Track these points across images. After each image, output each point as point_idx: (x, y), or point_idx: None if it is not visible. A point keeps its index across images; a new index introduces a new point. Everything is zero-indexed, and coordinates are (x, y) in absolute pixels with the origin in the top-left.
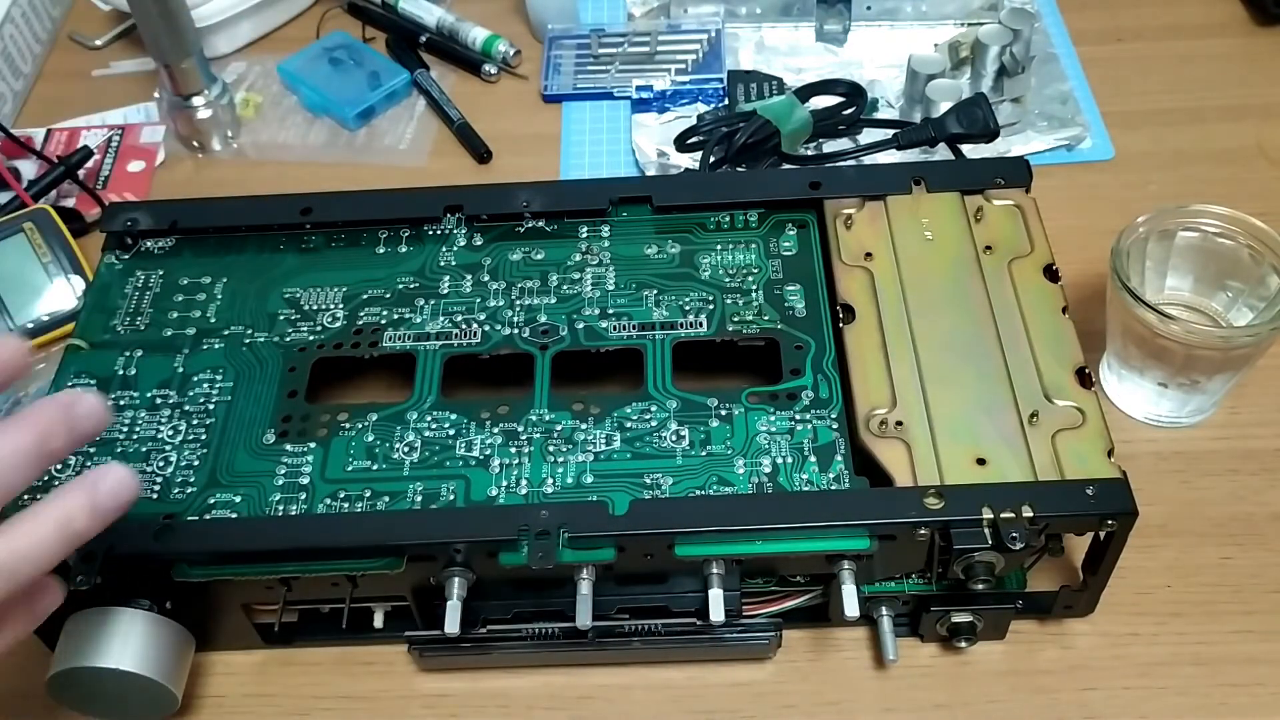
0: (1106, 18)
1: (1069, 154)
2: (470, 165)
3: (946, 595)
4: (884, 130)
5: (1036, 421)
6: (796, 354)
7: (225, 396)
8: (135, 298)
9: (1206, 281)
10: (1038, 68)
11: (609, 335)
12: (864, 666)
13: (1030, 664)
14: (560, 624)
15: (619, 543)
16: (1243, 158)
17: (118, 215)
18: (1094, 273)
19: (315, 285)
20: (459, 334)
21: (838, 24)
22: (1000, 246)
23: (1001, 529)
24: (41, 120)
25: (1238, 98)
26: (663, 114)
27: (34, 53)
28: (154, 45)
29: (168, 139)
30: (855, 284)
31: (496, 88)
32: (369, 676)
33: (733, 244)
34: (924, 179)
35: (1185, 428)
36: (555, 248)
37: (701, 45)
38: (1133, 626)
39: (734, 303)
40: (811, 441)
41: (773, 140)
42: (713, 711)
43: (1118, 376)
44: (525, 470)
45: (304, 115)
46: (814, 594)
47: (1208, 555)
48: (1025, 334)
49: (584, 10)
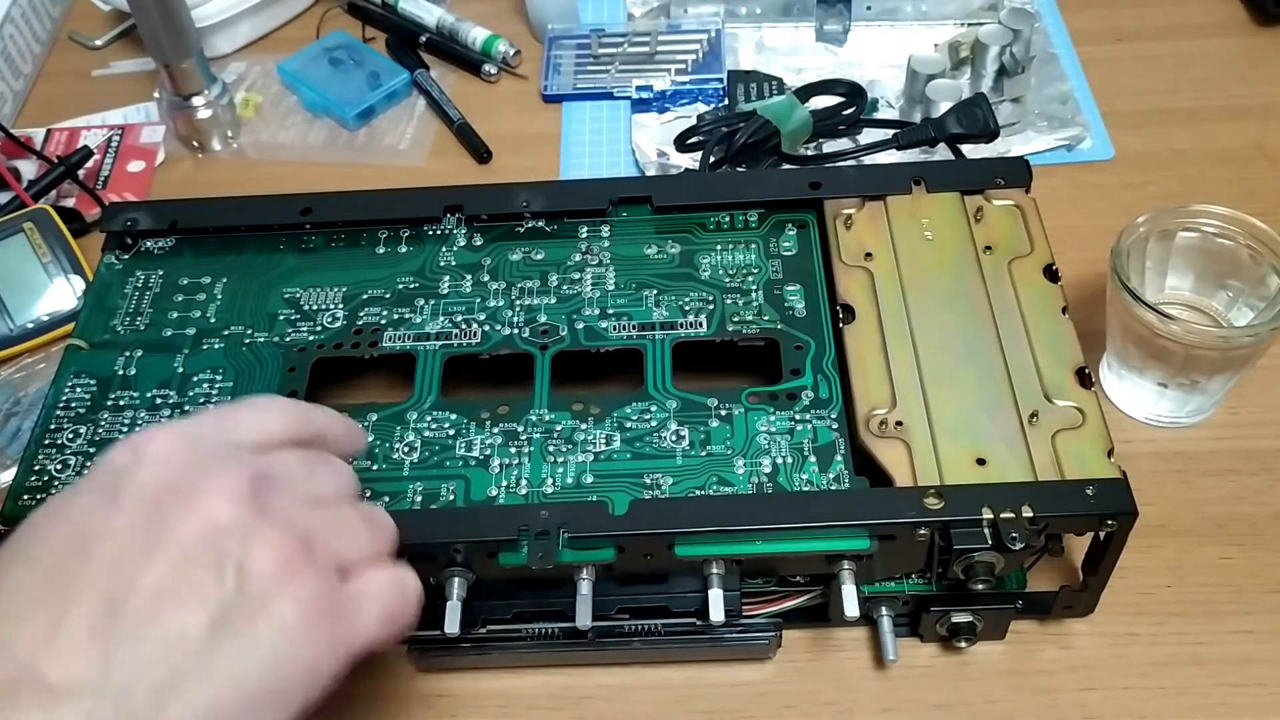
0: (1106, 18)
1: (1069, 154)
2: (470, 165)
3: (946, 595)
4: (884, 130)
5: (1036, 421)
6: (796, 354)
7: (225, 397)
8: (135, 298)
9: (1206, 281)
10: (1038, 68)
11: (609, 335)
12: (864, 666)
13: (1030, 664)
14: (560, 624)
15: (619, 543)
16: (1243, 158)
17: (118, 215)
18: (1094, 273)
19: (315, 285)
20: (459, 334)
21: (838, 24)
22: (1000, 246)
23: (1001, 529)
24: (41, 120)
25: (1238, 98)
26: (663, 114)
27: (34, 53)
28: (154, 45)
29: (168, 139)
30: (855, 284)
31: (496, 88)
32: (368, 676)
33: (733, 244)
34: (924, 179)
35: (1185, 428)
36: (555, 248)
37: (701, 45)
38: (1133, 626)
39: (734, 303)
40: (811, 441)
41: (773, 140)
42: (713, 711)
43: (1118, 376)
44: (525, 470)
45: (304, 115)
46: (814, 594)
47: (1208, 555)
48: (1025, 334)
49: (584, 10)
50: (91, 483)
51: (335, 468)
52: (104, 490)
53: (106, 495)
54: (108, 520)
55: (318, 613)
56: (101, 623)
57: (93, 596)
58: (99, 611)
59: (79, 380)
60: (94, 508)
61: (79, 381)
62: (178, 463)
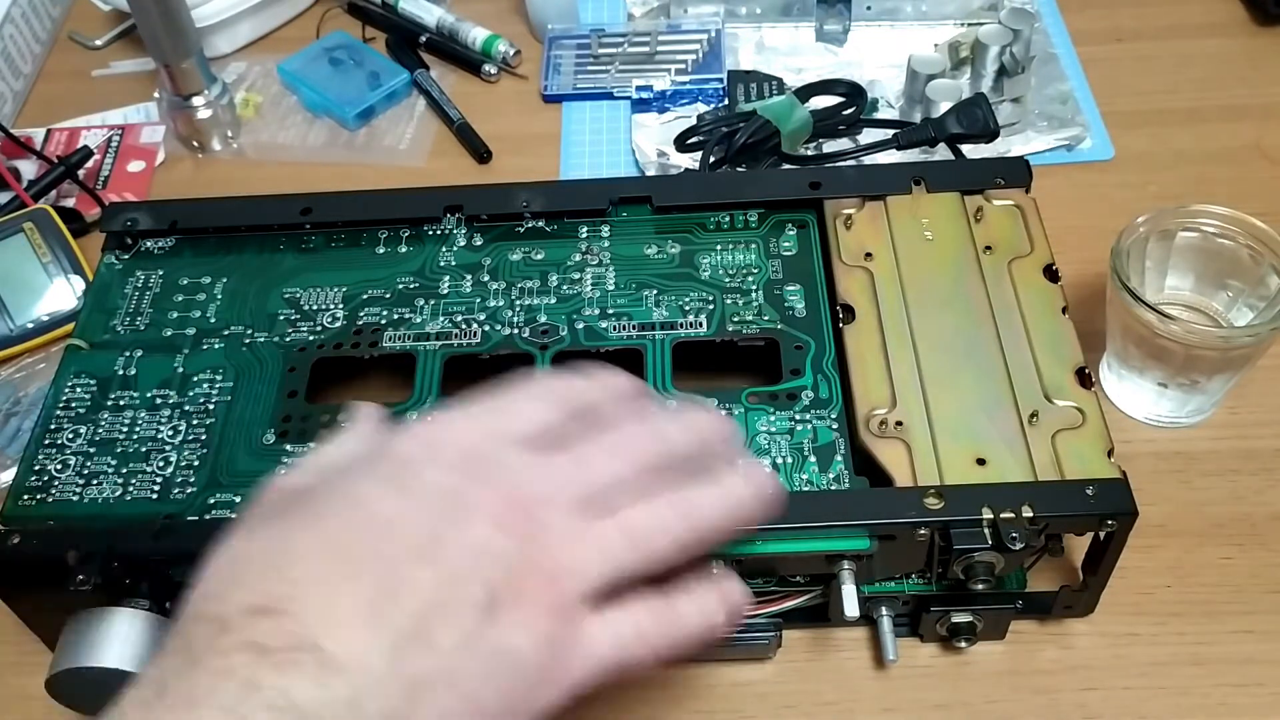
0: (1106, 18)
1: (1069, 154)
2: (470, 165)
3: (946, 595)
4: (884, 130)
5: (1036, 421)
6: (796, 354)
7: (225, 397)
8: (135, 298)
9: (1206, 281)
10: (1038, 68)
11: (609, 335)
12: (864, 666)
13: (1030, 664)
14: None
15: None
16: (1243, 158)
17: (118, 215)
18: (1094, 273)
19: (315, 285)
20: (459, 334)
21: (838, 24)
22: (1000, 246)
23: (1001, 529)
24: (41, 120)
25: (1238, 98)
26: (663, 114)
27: (34, 53)
28: (154, 45)
29: (168, 139)
30: (855, 284)
31: (496, 88)
32: None
33: (733, 244)
34: (924, 179)
35: (1185, 428)
36: (555, 248)
37: (701, 45)
38: (1133, 626)
39: (734, 303)
40: (811, 441)
41: (773, 140)
42: (713, 711)
43: (1118, 376)
44: None
45: (304, 115)
46: (814, 594)
47: (1208, 555)
48: (1025, 334)
49: (584, 10)
50: (378, 468)
51: (613, 457)
52: (393, 481)
53: (396, 486)
54: (395, 515)
55: (549, 653)
56: (377, 611)
57: (372, 583)
58: (376, 600)
59: (79, 380)
60: (383, 497)
61: (79, 381)
62: (461, 467)
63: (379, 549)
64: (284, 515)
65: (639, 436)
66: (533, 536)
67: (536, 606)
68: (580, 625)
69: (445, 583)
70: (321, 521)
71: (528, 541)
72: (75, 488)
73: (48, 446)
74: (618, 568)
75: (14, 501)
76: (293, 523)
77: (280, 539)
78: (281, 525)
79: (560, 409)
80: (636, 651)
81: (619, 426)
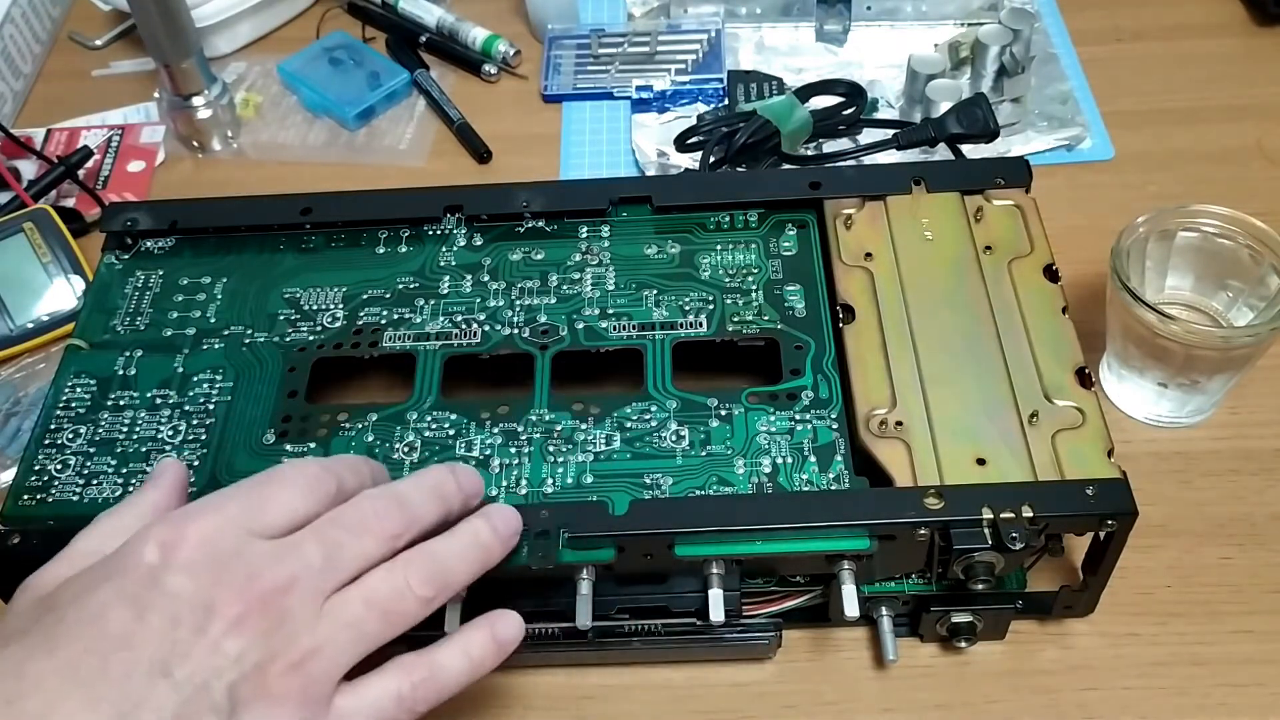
0: (1106, 18)
1: (1069, 154)
2: (470, 165)
3: (946, 595)
4: (884, 130)
5: (1036, 421)
6: (796, 354)
7: (225, 396)
8: (135, 298)
9: (1206, 281)
10: (1038, 68)
11: (609, 335)
12: (864, 666)
13: (1030, 664)
14: (560, 624)
15: (619, 543)
16: (1243, 158)
17: (118, 215)
18: (1094, 273)
19: (315, 285)
20: (459, 334)
21: (838, 24)
22: (1000, 246)
23: (1001, 529)
24: (41, 120)
25: (1238, 98)
26: (663, 114)
27: (34, 53)
28: (154, 45)
29: (168, 139)
30: (855, 284)
31: (496, 88)
32: None
33: (733, 244)
34: (924, 179)
35: (1185, 428)
36: (555, 248)
37: (701, 45)
38: (1133, 626)
39: (734, 303)
40: (811, 441)
41: (773, 140)
42: (713, 711)
43: (1118, 376)
44: (525, 470)
45: (304, 115)
46: (814, 594)
47: (1208, 555)
48: (1025, 334)
49: (584, 10)
50: (121, 578)
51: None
52: (129, 594)
53: (132, 599)
54: (132, 631)
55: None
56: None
57: (110, 708)
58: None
59: (79, 380)
60: (121, 613)
61: (79, 381)
62: (200, 568)
63: (117, 669)
64: (25, 635)
65: (377, 502)
66: (275, 628)
67: (285, 700)
68: (334, 707)
69: (186, 697)
70: (60, 646)
71: (269, 635)
72: (75, 488)
73: (48, 446)
74: (367, 640)
75: (14, 501)
76: (33, 645)
77: (17, 664)
78: (20, 649)
79: (308, 494)
80: (399, 716)
81: (357, 502)
